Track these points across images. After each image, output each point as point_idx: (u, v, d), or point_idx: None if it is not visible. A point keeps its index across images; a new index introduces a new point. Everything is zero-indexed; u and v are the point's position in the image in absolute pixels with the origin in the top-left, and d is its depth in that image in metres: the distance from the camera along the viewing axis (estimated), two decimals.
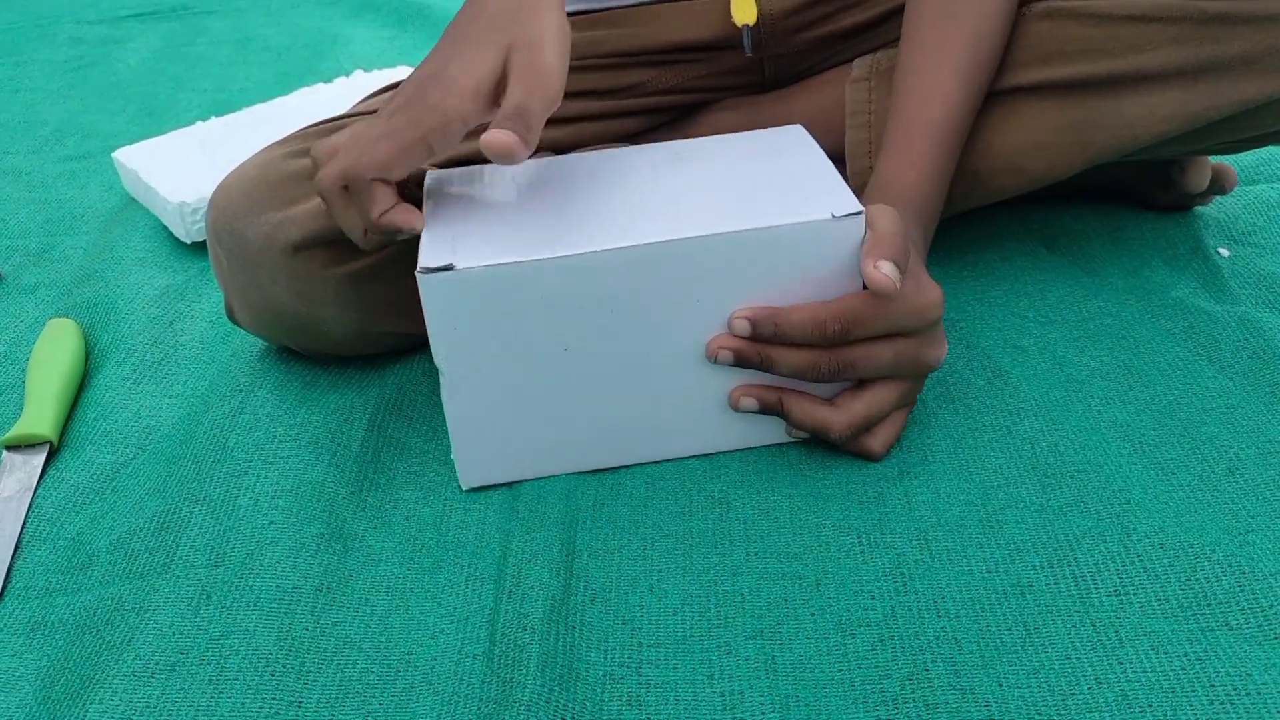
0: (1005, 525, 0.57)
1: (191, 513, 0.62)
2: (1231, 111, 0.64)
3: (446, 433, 0.67)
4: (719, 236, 0.55)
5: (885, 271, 0.54)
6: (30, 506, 0.65)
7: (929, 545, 0.56)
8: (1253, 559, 0.53)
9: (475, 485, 0.63)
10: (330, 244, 0.65)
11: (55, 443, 0.69)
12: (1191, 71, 0.64)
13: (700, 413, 0.61)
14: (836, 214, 0.55)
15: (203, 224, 0.90)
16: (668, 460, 0.63)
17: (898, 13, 0.77)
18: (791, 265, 0.56)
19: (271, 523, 0.61)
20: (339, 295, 0.66)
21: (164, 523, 0.62)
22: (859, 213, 0.55)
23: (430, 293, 0.55)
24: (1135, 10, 0.64)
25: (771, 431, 0.63)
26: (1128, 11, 0.64)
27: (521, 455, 0.62)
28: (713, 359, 0.58)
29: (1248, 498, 0.57)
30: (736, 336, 0.58)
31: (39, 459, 0.68)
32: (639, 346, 0.58)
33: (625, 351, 0.58)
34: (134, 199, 1.01)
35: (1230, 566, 0.53)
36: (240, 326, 0.72)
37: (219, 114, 1.13)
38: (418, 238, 0.57)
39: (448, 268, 0.55)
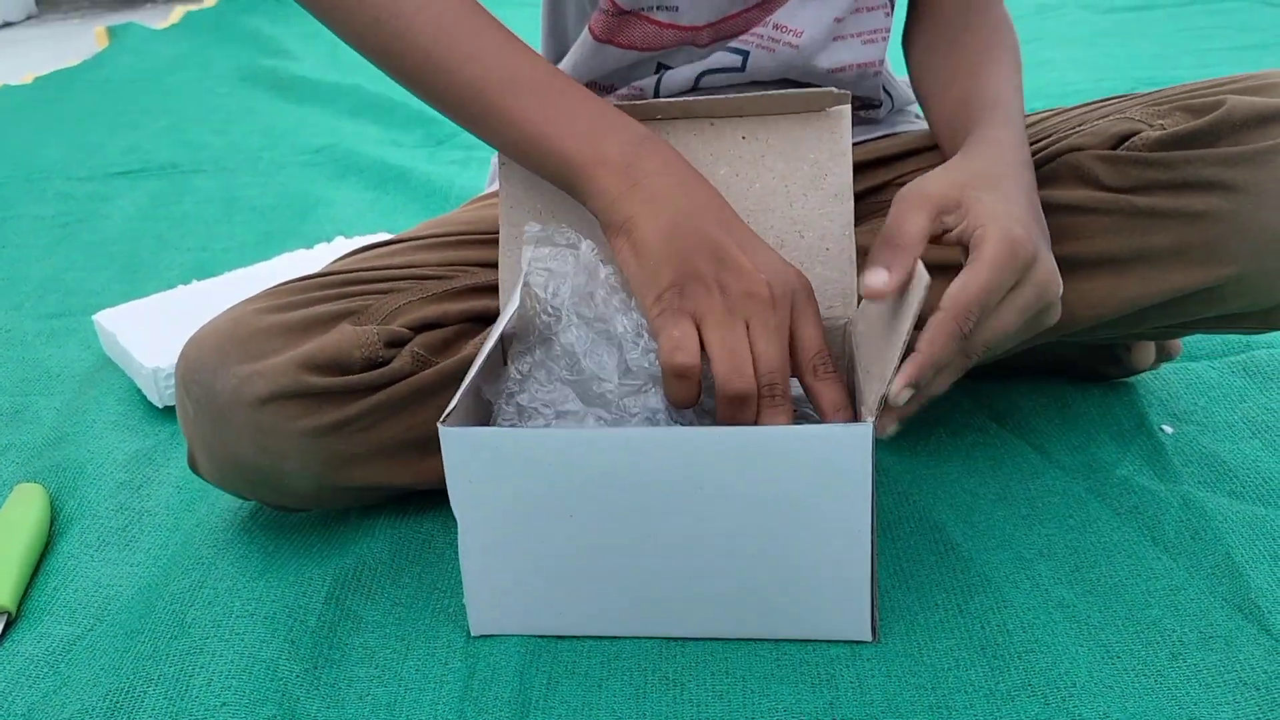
0: (955, 710, 0.58)
1: (145, 692, 0.62)
2: (1162, 298, 0.67)
3: (405, 605, 0.68)
4: (723, 431, 0.58)
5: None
6: None
7: None
8: None
9: (484, 632, 0.64)
10: (297, 397, 0.66)
11: (13, 613, 0.69)
12: (1124, 259, 0.67)
13: (703, 597, 0.62)
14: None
15: None
16: (657, 638, 0.64)
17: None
18: (797, 467, 0.58)
19: (224, 704, 0.61)
20: (302, 448, 0.67)
21: (117, 702, 0.61)
22: (865, 423, 0.57)
23: (449, 445, 0.58)
24: (1073, 201, 0.68)
25: (777, 625, 0.63)
26: (1065, 202, 0.68)
27: (530, 609, 0.63)
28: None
29: (1190, 683, 0.58)
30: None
31: None
32: (640, 524, 0.60)
33: (626, 527, 0.60)
34: (111, 360, 1.03)
35: None
36: (201, 476, 0.73)
37: (202, 273, 1.16)
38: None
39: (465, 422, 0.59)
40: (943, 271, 0.73)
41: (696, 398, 0.60)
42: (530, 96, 0.63)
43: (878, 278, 0.57)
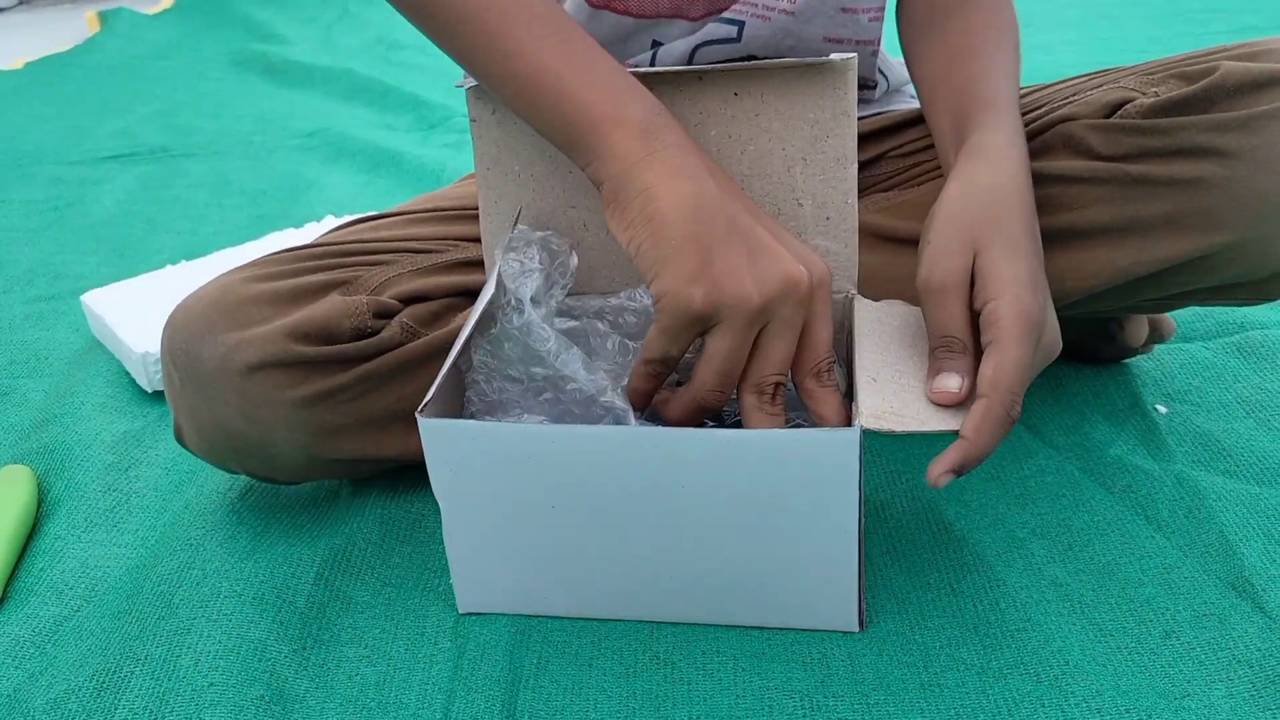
0: (946, 688, 0.57)
1: (132, 672, 0.62)
2: (1156, 268, 0.67)
3: (395, 585, 0.67)
4: (710, 433, 0.56)
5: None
6: None
7: (871, 709, 0.56)
8: None
9: (471, 610, 0.64)
10: (285, 366, 0.66)
11: (0, 594, 0.69)
12: (1117, 229, 0.67)
13: (688, 597, 0.61)
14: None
15: None
16: (646, 621, 0.63)
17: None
18: (782, 472, 0.56)
19: (211, 685, 0.60)
20: (289, 418, 0.67)
21: (104, 682, 0.61)
22: (853, 428, 0.55)
23: (428, 435, 0.58)
24: (1067, 172, 0.67)
25: (757, 613, 0.62)
26: (1059, 173, 0.68)
27: (515, 590, 0.63)
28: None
29: (1183, 661, 0.58)
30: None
31: None
32: (622, 522, 0.59)
33: (609, 525, 0.59)
34: (99, 341, 1.02)
35: None
36: (188, 449, 0.72)
37: (192, 256, 1.15)
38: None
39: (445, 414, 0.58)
40: (892, 242, 0.72)
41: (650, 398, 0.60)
42: (544, 27, 0.58)
43: (952, 383, 0.57)
